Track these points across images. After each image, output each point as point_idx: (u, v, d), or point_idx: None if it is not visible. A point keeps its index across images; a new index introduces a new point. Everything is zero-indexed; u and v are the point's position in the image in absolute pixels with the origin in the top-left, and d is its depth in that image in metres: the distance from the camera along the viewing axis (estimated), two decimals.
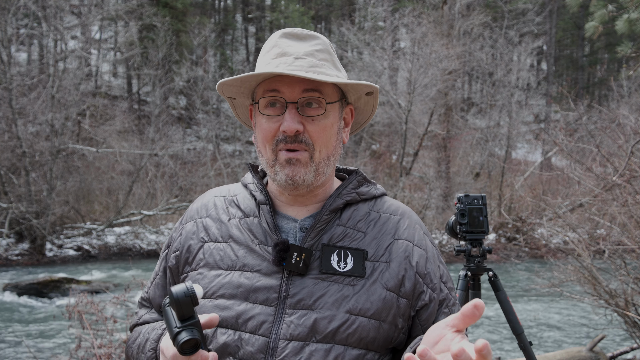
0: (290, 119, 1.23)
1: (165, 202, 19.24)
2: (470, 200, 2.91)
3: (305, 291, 1.22)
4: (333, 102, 1.28)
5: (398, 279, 1.25)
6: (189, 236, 1.38)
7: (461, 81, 27.02)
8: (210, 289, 1.28)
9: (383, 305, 1.22)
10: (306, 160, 1.26)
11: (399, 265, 1.27)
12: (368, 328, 1.20)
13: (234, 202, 1.40)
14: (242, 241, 1.31)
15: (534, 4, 28.51)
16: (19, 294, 11.30)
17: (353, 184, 1.36)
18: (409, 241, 1.31)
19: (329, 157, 1.29)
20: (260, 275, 1.25)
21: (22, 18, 20.36)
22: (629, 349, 6.31)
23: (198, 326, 1.05)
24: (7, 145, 16.62)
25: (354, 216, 1.32)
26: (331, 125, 1.28)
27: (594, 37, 6.31)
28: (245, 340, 1.20)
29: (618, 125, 8.98)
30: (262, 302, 1.22)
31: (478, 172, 21.84)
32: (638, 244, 5.99)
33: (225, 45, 36.57)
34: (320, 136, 1.26)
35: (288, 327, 1.19)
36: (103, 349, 4.65)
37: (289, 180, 1.26)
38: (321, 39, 1.31)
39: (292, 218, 1.33)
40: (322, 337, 1.18)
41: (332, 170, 1.33)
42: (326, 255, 1.25)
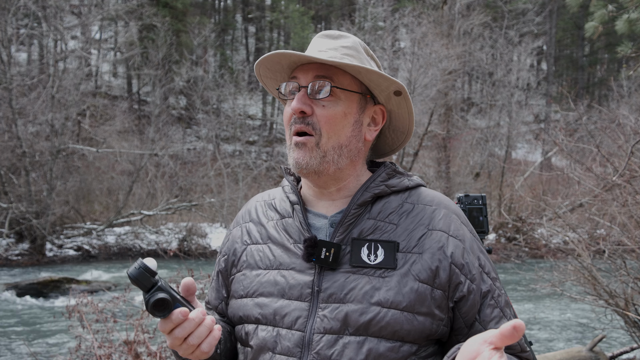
0: (297, 100, 1.27)
1: (165, 202, 19.24)
2: (470, 200, 2.91)
3: (336, 285, 1.24)
4: (346, 90, 1.29)
5: (431, 270, 1.23)
6: (235, 240, 1.45)
7: (461, 81, 27.02)
8: (251, 288, 1.34)
9: (416, 297, 1.21)
10: (312, 145, 1.28)
11: (432, 256, 1.25)
12: (401, 320, 1.19)
13: (272, 205, 1.45)
14: (278, 241, 1.36)
15: (534, 4, 28.52)
16: (19, 294, 11.30)
17: (382, 177, 1.35)
18: (444, 232, 1.28)
19: (340, 146, 1.29)
20: (295, 272, 1.29)
21: (22, 18, 20.36)
22: (629, 349, 6.31)
23: (164, 289, 1.08)
24: (7, 145, 16.63)
25: (385, 209, 1.32)
26: (343, 114, 1.29)
27: (594, 37, 6.31)
28: (282, 336, 1.25)
29: (618, 125, 8.97)
30: (297, 298, 1.27)
31: (478, 172, 21.84)
32: (638, 244, 5.99)
33: (225, 45, 36.57)
34: (328, 122, 1.27)
35: (321, 321, 1.23)
36: (103, 349, 4.65)
37: (295, 164, 1.30)
38: (351, 39, 1.35)
39: (323, 215, 1.36)
40: (354, 330, 1.20)
41: (349, 162, 1.33)
42: (356, 249, 1.26)
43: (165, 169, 20.70)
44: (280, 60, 1.32)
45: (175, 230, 18.71)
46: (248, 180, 22.03)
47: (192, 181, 21.78)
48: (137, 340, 4.68)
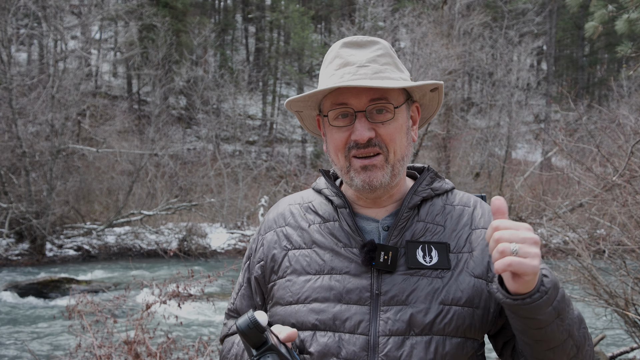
0: (361, 128, 1.28)
1: (165, 202, 19.24)
2: None
3: (396, 288, 1.27)
4: (400, 105, 1.32)
5: (484, 265, 1.29)
6: (272, 245, 1.42)
7: (461, 81, 27.01)
8: (302, 294, 1.33)
9: (474, 292, 1.26)
10: (382, 163, 1.31)
11: (481, 252, 1.30)
12: (463, 316, 1.24)
13: (311, 209, 1.44)
14: (326, 245, 1.36)
15: (534, 4, 28.51)
16: (19, 294, 11.30)
17: (427, 181, 1.40)
18: (486, 228, 1.33)
19: (402, 157, 1.34)
20: (350, 277, 1.30)
21: (22, 18, 20.36)
22: (629, 349, 6.31)
23: (274, 349, 1.10)
24: (7, 145, 16.62)
25: (431, 211, 1.36)
26: (401, 127, 1.32)
27: (594, 37, 6.31)
28: (345, 341, 1.25)
29: (618, 125, 8.97)
30: (355, 302, 1.27)
31: (478, 172, 21.84)
32: (638, 244, 5.98)
33: (225, 45, 36.57)
34: (393, 138, 1.30)
35: (386, 324, 1.24)
36: (103, 349, 4.65)
37: (366, 186, 1.31)
38: (381, 44, 1.35)
39: (373, 219, 1.37)
40: (420, 330, 1.23)
41: (404, 170, 1.38)
42: (411, 251, 1.29)
43: (165, 169, 20.70)
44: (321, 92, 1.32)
45: (175, 230, 18.71)
46: (248, 180, 22.03)
47: (192, 181, 21.77)
48: (137, 340, 4.67)
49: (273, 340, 1.11)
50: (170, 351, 4.76)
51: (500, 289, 1.11)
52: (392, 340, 1.23)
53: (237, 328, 1.11)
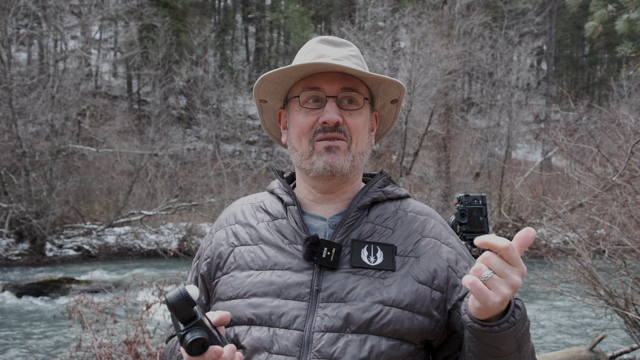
0: (331, 110, 1.30)
1: (165, 202, 19.24)
2: (470, 200, 2.90)
3: (337, 285, 1.26)
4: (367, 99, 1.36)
5: (429, 272, 1.29)
6: (220, 243, 1.43)
7: (461, 81, 27.02)
8: (242, 289, 1.32)
9: (416, 297, 1.25)
10: (345, 149, 1.32)
11: (429, 259, 1.31)
12: (402, 319, 1.23)
13: (262, 207, 1.45)
14: (272, 242, 1.36)
15: (534, 4, 28.51)
16: (19, 294, 11.30)
17: (379, 183, 1.41)
18: (437, 239, 1.36)
19: (362, 152, 1.36)
20: (292, 273, 1.30)
21: (22, 18, 20.36)
22: (629, 349, 6.31)
23: (202, 325, 1.06)
24: (7, 145, 16.62)
25: (381, 214, 1.37)
26: (365, 122, 1.36)
27: (594, 37, 6.31)
28: (279, 335, 1.24)
29: (618, 125, 8.97)
30: (294, 298, 1.27)
31: (478, 172, 21.84)
32: (638, 244, 5.98)
33: (225, 45, 36.57)
34: (357, 129, 1.33)
35: (322, 320, 1.23)
36: (103, 349, 4.65)
37: (327, 167, 1.31)
38: (354, 47, 1.40)
39: (321, 217, 1.38)
40: (356, 327, 1.22)
41: (362, 168, 1.40)
42: (356, 250, 1.29)
43: (165, 169, 20.70)
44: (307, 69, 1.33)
45: (175, 230, 18.71)
46: (248, 180, 22.03)
47: (192, 181, 21.77)
48: (137, 340, 4.67)
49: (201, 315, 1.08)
50: None
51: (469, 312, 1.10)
52: (326, 337, 1.21)
53: (166, 301, 1.06)
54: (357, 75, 1.33)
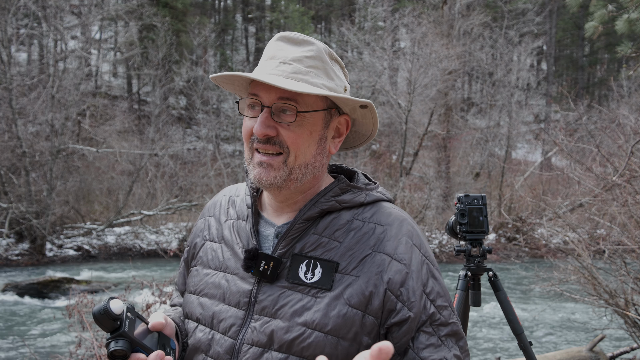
0: (260, 123, 1.22)
1: (165, 202, 19.24)
2: (470, 200, 2.91)
3: (270, 299, 1.22)
4: (311, 110, 1.24)
5: (364, 295, 1.18)
6: (197, 233, 1.46)
7: (461, 81, 27.02)
8: (199, 286, 1.35)
9: (343, 321, 1.16)
10: (279, 164, 1.24)
11: (367, 280, 1.19)
12: (324, 343, 1.16)
13: (234, 203, 1.44)
14: (229, 243, 1.36)
15: (534, 4, 28.51)
16: (19, 294, 11.30)
17: (333, 192, 1.29)
18: (388, 254, 1.21)
19: (306, 164, 1.26)
20: (238, 279, 1.29)
21: (22, 18, 20.35)
22: (629, 349, 6.31)
23: (125, 335, 1.12)
24: (7, 145, 16.62)
25: (332, 225, 1.26)
26: (309, 133, 1.25)
27: (594, 37, 6.31)
28: (216, 340, 1.26)
29: (618, 125, 8.98)
30: (235, 305, 1.26)
31: (478, 172, 21.85)
32: (638, 244, 5.99)
33: (225, 45, 36.57)
34: (294, 142, 1.23)
35: (252, 333, 1.22)
36: (103, 349, 4.65)
37: (256, 181, 1.27)
38: (316, 46, 1.27)
39: (272, 223, 1.33)
40: (278, 346, 1.18)
41: (311, 178, 1.29)
42: (295, 265, 1.23)
43: (165, 169, 20.69)
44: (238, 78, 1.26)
45: (175, 230, 18.70)
46: None
47: (192, 181, 21.76)
48: None
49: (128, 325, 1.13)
50: None
51: None
52: (252, 350, 1.20)
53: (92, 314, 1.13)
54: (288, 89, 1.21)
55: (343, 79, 1.32)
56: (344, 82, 1.32)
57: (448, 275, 14.51)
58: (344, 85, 1.31)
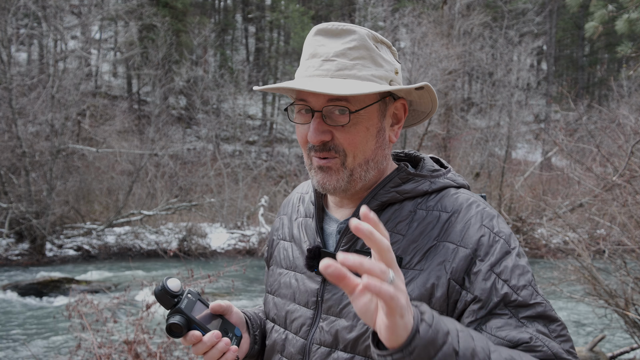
0: (313, 130, 1.17)
1: (165, 202, 19.24)
2: None
3: (335, 298, 1.20)
4: (364, 107, 1.17)
5: (426, 287, 1.11)
6: (273, 232, 1.48)
7: (461, 81, 27.02)
8: (274, 286, 1.36)
9: None
10: (338, 166, 1.19)
11: (429, 272, 1.12)
12: None
13: (304, 201, 1.42)
14: (298, 242, 1.35)
15: (534, 4, 28.51)
16: (19, 294, 11.30)
17: (393, 182, 1.22)
18: (453, 242, 1.14)
19: (367, 161, 1.20)
20: (306, 278, 1.27)
21: (22, 18, 20.36)
22: (629, 349, 6.31)
23: (182, 312, 1.18)
24: (7, 145, 16.62)
25: (394, 217, 1.20)
26: (365, 129, 1.18)
27: (594, 37, 6.31)
28: (289, 340, 1.26)
29: (618, 125, 8.98)
30: (304, 305, 1.25)
31: (478, 172, 21.85)
32: (638, 244, 5.98)
33: (225, 45, 36.57)
34: (351, 143, 1.18)
35: (320, 332, 1.21)
36: (103, 349, 4.65)
37: (320, 187, 1.22)
38: (358, 34, 1.18)
39: (336, 219, 1.30)
40: (344, 346, 1.16)
41: (376, 172, 1.24)
42: None
43: (165, 169, 20.70)
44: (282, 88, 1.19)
45: (175, 230, 18.70)
46: (248, 180, 22.03)
47: (192, 181, 21.77)
48: (137, 340, 4.67)
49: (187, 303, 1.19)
50: (170, 351, 4.75)
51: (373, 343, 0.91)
52: (320, 351, 1.19)
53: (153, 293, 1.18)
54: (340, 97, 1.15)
55: (392, 60, 1.24)
56: (393, 65, 1.23)
57: None
58: (394, 68, 1.23)
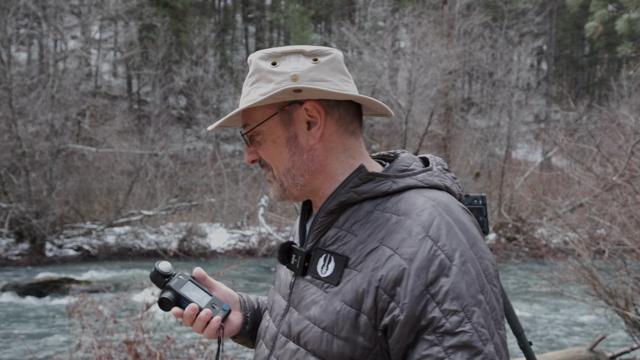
0: (245, 152, 1.33)
1: (165, 202, 19.24)
2: (470, 200, 2.91)
3: (297, 291, 1.26)
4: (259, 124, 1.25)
5: (358, 292, 1.10)
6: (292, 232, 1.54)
7: (461, 81, 27.02)
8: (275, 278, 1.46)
9: (336, 318, 1.12)
10: (272, 179, 1.31)
11: (364, 276, 1.11)
12: (320, 339, 1.14)
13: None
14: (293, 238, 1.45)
15: (534, 4, 28.52)
16: (19, 294, 11.30)
17: (352, 183, 1.21)
18: (391, 248, 1.10)
19: (288, 170, 1.26)
20: (288, 272, 1.35)
21: (22, 18, 20.36)
22: (629, 349, 6.32)
23: (170, 289, 1.34)
24: (7, 145, 16.63)
25: (352, 217, 1.20)
26: (272, 143, 1.25)
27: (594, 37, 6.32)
28: (269, 328, 1.34)
29: (618, 125, 8.99)
30: (282, 296, 1.33)
31: (478, 172, 21.86)
32: (638, 244, 5.98)
33: (225, 45, 36.57)
34: (269, 158, 1.28)
35: (286, 323, 1.27)
36: (103, 349, 4.65)
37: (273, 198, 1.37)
38: (252, 60, 1.27)
39: None
40: (292, 337, 1.22)
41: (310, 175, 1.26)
42: (315, 259, 1.22)
43: (165, 169, 20.69)
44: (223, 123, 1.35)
45: (175, 230, 18.71)
46: (248, 180, 22.03)
47: (192, 181, 21.77)
48: (137, 340, 4.68)
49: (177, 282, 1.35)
50: (171, 351, 4.76)
51: None
52: (281, 340, 1.25)
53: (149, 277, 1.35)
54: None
55: (288, 69, 1.23)
56: (289, 73, 1.22)
57: None
58: (289, 76, 1.22)
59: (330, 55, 1.26)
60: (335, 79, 1.25)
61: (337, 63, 1.27)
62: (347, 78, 1.28)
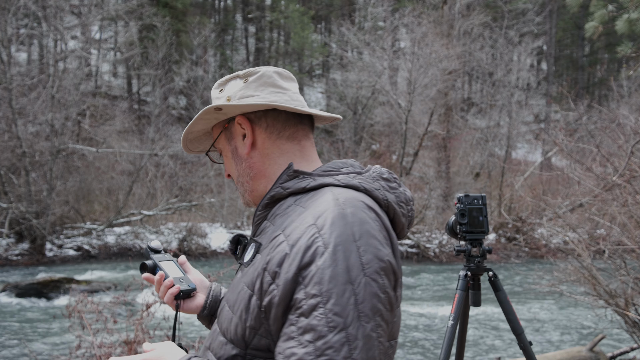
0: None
1: (165, 202, 19.24)
2: (470, 200, 2.91)
3: (236, 277, 1.36)
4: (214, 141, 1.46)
5: (254, 275, 1.18)
6: None
7: (461, 81, 27.02)
8: None
9: (236, 298, 1.22)
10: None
11: (261, 259, 1.19)
12: (226, 319, 1.25)
13: None
14: None
15: (534, 4, 28.52)
16: (19, 294, 11.30)
17: (281, 179, 1.30)
18: (285, 235, 1.16)
19: (237, 178, 1.43)
20: None
21: (22, 18, 20.35)
22: (629, 349, 6.32)
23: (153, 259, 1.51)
24: (7, 145, 16.63)
25: (277, 210, 1.29)
26: (226, 158, 1.45)
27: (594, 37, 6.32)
28: None
29: (618, 125, 8.99)
30: None
31: (478, 172, 21.86)
32: (638, 244, 5.98)
33: (225, 45, 36.56)
34: (227, 170, 1.46)
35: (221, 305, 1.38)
36: (103, 349, 4.65)
37: None
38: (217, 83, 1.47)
39: None
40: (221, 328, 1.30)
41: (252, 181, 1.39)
42: (247, 248, 1.35)
43: (165, 169, 20.69)
44: None
45: (175, 230, 18.71)
46: None
47: (192, 181, 21.76)
48: (137, 340, 4.68)
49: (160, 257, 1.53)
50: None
51: None
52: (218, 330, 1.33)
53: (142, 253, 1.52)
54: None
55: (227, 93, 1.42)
56: (224, 94, 1.42)
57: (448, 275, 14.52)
58: (225, 97, 1.41)
59: (258, 73, 1.40)
60: (263, 93, 1.37)
61: (267, 78, 1.38)
62: (277, 89, 1.37)
